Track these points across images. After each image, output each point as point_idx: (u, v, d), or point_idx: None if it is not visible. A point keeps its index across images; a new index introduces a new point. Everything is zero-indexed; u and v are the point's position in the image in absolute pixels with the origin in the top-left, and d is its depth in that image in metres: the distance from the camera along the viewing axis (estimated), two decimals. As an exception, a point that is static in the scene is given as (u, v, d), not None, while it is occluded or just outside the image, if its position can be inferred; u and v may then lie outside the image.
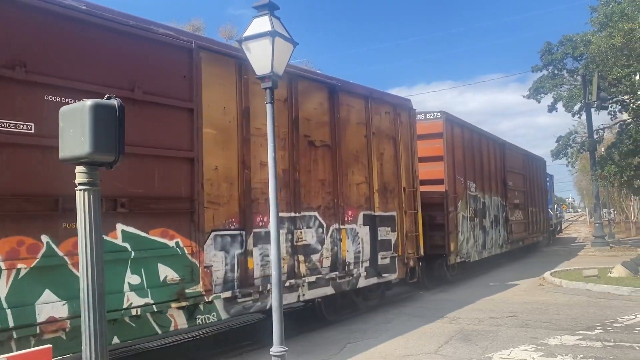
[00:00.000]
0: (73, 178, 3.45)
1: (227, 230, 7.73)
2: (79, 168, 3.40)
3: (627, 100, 26.42)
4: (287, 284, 8.57)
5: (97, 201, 3.40)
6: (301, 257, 8.99)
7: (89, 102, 3.30)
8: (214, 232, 7.47)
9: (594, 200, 29.53)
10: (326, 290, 9.57)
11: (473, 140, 17.76)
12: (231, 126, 7.92)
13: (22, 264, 5.41)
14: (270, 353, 5.74)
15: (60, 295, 5.65)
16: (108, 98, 3.40)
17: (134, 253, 6.39)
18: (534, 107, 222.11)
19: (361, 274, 10.45)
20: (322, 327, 10.06)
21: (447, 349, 8.17)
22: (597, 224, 27.82)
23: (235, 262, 7.80)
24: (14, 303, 5.29)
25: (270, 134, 6.01)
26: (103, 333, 3.37)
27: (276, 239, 5.93)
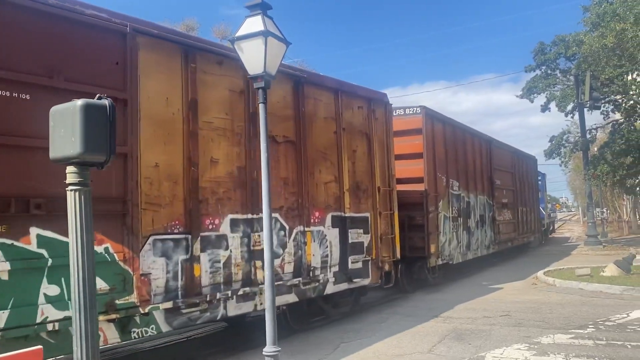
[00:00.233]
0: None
1: (170, 234, 6.66)
2: (69, 168, 3.28)
3: (620, 100, 26.09)
4: (241, 292, 7.50)
5: (88, 202, 3.30)
6: (258, 263, 7.82)
7: (79, 102, 3.18)
8: (153, 237, 6.40)
9: (587, 200, 28.73)
10: (288, 298, 8.43)
11: (456, 137, 16.21)
12: (175, 119, 6.83)
13: None
14: (263, 353, 5.53)
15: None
16: (99, 98, 3.28)
17: (51, 260, 5.37)
18: (527, 107, 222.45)
19: (329, 279, 9.30)
20: (317, 327, 9.70)
21: (440, 348, 7.97)
22: (590, 223, 27.06)
23: (179, 269, 6.73)
24: None
25: (263, 135, 5.81)
26: (94, 334, 3.29)
27: (269, 238, 5.77)
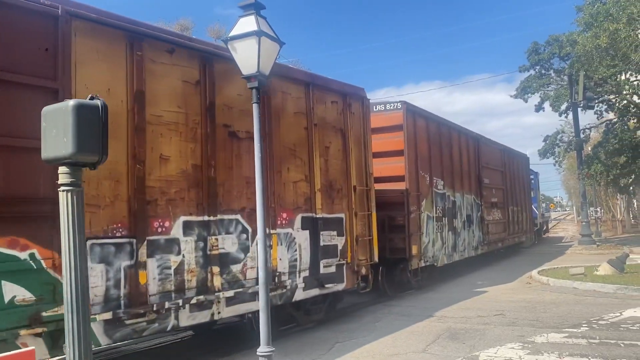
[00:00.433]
0: None
1: (111, 237, 5.82)
2: (62, 169, 3.21)
3: (613, 100, 25.73)
4: (195, 301, 6.64)
5: (80, 202, 3.24)
6: (216, 269, 6.97)
7: (71, 102, 3.12)
8: (90, 241, 5.57)
9: (581, 199, 28.01)
10: (251, 306, 7.49)
11: (441, 134, 15.01)
12: (118, 112, 5.97)
13: None
14: (257, 353, 5.37)
15: None
16: (91, 98, 3.21)
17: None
18: (522, 106, 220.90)
19: (298, 285, 8.39)
20: (311, 327, 9.31)
21: (435, 347, 7.77)
22: (584, 223, 26.25)
23: (122, 277, 5.89)
24: None
25: (256, 135, 5.61)
26: (87, 335, 3.24)
27: (263, 240, 5.58)
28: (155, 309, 6.10)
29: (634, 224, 39.72)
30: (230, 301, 7.13)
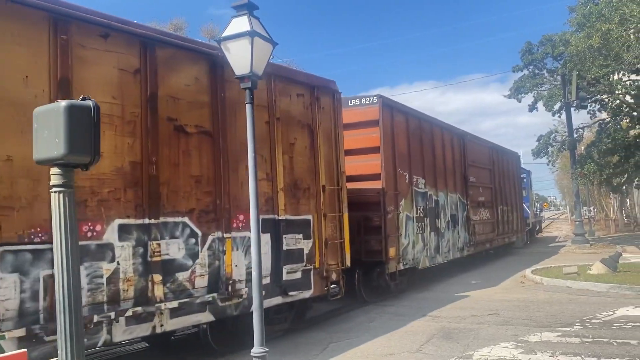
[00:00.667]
0: None
1: (27, 244, 5.21)
2: (53, 170, 3.21)
3: (606, 100, 25.74)
4: (131, 314, 6.00)
5: (72, 204, 3.22)
6: (158, 277, 6.30)
7: (63, 103, 3.11)
8: (0, 247, 5.06)
9: (574, 199, 28.19)
10: (200, 318, 6.85)
11: (422, 130, 14.21)
12: (39, 102, 5.27)
13: None
14: (251, 354, 5.36)
15: None
16: (83, 99, 3.19)
17: None
18: (515, 106, 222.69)
19: None
20: (306, 327, 9.28)
21: (428, 347, 7.76)
22: (577, 222, 26.36)
23: (41, 288, 5.27)
24: None
25: (250, 136, 5.60)
26: (80, 336, 3.23)
27: (257, 242, 5.50)
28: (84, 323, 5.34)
29: (627, 223, 39.83)
30: (175, 312, 6.50)
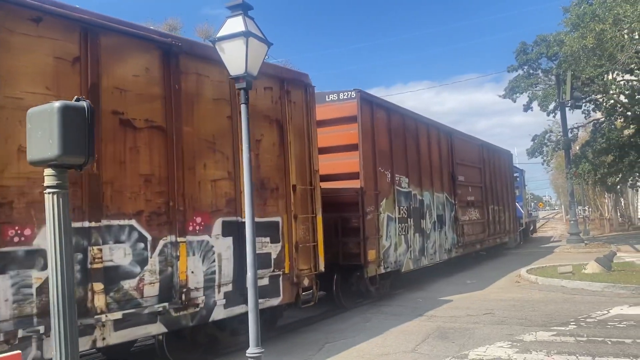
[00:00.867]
0: None
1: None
2: (47, 171, 3.20)
3: (600, 100, 25.51)
4: None
5: (66, 205, 3.21)
6: (98, 286, 5.76)
7: (57, 104, 3.10)
8: None
9: (569, 198, 28.09)
10: (150, 329, 6.30)
11: (406, 127, 13.49)
12: None
13: None
14: (247, 354, 5.33)
15: None
16: (77, 100, 3.20)
17: None
18: (510, 106, 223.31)
19: (217, 302, 7.13)
20: (302, 328, 9.37)
21: (424, 347, 7.78)
22: (572, 222, 26.40)
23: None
24: None
25: (245, 136, 5.60)
26: (74, 338, 3.22)
27: (252, 242, 5.53)
28: (3, 338, 4.92)
29: (621, 222, 39.91)
30: (119, 324, 5.92)
